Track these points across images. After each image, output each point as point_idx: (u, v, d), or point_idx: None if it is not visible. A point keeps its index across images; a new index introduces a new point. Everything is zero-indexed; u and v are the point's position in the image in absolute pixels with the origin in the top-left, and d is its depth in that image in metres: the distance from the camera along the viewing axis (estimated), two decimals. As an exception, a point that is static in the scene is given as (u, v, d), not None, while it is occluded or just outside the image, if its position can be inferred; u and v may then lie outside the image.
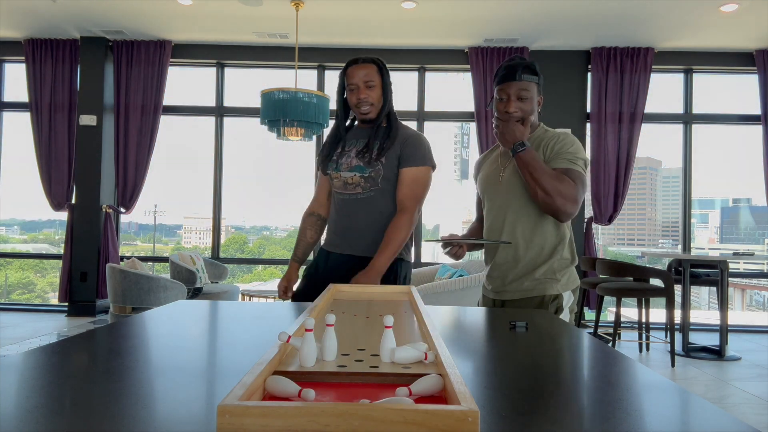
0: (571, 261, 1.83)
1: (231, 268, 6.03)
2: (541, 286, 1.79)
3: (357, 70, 2.01)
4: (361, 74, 2.00)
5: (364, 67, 2.01)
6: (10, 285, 7.69)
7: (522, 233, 1.82)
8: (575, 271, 1.86)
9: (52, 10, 5.14)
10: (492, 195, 1.91)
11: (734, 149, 6.80)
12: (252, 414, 0.54)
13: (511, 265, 1.83)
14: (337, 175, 2.07)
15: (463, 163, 6.81)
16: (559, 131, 1.86)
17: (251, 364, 0.88)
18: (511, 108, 1.80)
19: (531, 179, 1.72)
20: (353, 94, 2.02)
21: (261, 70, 6.25)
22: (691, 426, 0.72)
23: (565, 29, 5.31)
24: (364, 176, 2.01)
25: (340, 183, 2.06)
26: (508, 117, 1.81)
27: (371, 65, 2.02)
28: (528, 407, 0.73)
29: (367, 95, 2.00)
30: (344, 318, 1.16)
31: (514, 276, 1.83)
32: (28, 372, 0.84)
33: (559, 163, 1.76)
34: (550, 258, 1.80)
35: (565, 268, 1.81)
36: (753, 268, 6.66)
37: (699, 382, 3.84)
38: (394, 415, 0.54)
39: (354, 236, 2.04)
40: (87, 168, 5.82)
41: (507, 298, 1.85)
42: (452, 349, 1.05)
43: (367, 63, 2.02)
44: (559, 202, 1.69)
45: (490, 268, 1.91)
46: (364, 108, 2.01)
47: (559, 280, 1.80)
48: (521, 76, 1.79)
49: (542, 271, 1.79)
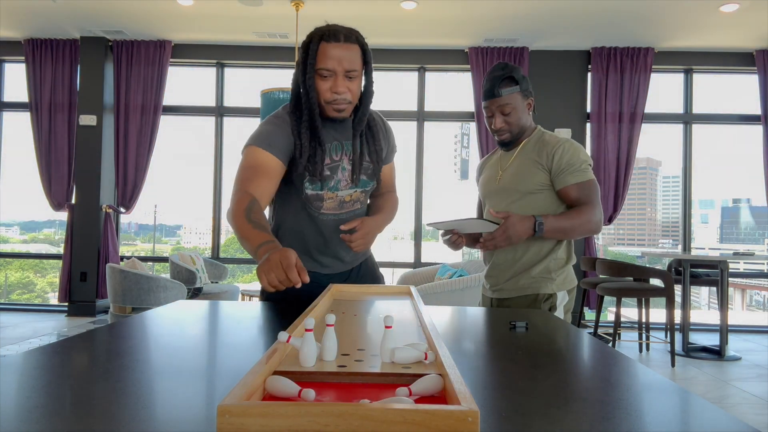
0: (566, 261, 1.85)
1: (231, 268, 6.03)
2: (536, 284, 1.82)
3: (335, 49, 1.45)
4: (340, 57, 1.45)
5: (347, 47, 1.46)
6: (10, 285, 7.69)
7: None
8: (572, 272, 1.89)
9: (52, 10, 5.14)
10: (491, 197, 1.93)
11: (734, 149, 6.80)
12: (252, 414, 0.54)
13: (509, 264, 1.86)
14: (331, 195, 1.59)
15: (463, 163, 6.81)
16: (560, 137, 1.85)
17: (251, 364, 0.88)
18: (497, 124, 1.83)
19: (565, 238, 1.80)
20: (325, 83, 1.47)
21: (261, 70, 6.25)
22: (691, 426, 0.72)
23: (565, 29, 5.31)
24: (365, 191, 1.66)
25: (333, 204, 1.61)
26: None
27: (355, 46, 1.48)
28: (528, 407, 0.73)
29: (347, 89, 1.48)
30: (344, 318, 1.16)
31: (510, 274, 1.86)
32: (28, 372, 0.84)
33: (569, 179, 1.77)
34: (546, 258, 1.82)
35: (561, 267, 1.84)
36: (753, 268, 6.67)
37: (699, 382, 3.84)
38: (394, 415, 0.54)
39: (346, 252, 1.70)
40: (87, 168, 5.82)
41: (503, 296, 1.88)
42: (452, 349, 1.05)
43: (350, 43, 1.47)
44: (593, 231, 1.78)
45: (489, 267, 1.94)
46: (339, 106, 1.49)
47: (554, 279, 1.82)
48: (499, 92, 1.80)
49: (538, 270, 1.82)
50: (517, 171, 1.85)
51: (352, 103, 1.52)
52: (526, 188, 1.82)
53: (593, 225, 1.76)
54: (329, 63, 1.45)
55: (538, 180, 1.81)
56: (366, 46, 1.52)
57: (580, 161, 1.77)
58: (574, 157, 1.78)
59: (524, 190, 1.82)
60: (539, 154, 1.82)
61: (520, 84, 1.82)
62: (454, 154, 6.82)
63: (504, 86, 1.80)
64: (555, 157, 1.78)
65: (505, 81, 1.81)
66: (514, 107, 1.81)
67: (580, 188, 1.77)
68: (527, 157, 1.85)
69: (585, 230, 1.77)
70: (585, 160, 1.79)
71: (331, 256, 1.70)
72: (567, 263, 1.86)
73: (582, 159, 1.78)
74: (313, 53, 1.46)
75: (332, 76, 1.47)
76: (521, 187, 1.82)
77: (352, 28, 1.51)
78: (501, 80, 1.81)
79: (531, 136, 1.89)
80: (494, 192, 1.91)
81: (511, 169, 1.87)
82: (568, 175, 1.77)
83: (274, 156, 1.50)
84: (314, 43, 1.46)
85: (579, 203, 1.77)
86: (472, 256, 7.51)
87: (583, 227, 1.75)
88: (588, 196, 1.77)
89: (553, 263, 1.83)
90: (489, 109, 1.84)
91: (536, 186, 1.81)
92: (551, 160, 1.79)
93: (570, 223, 1.74)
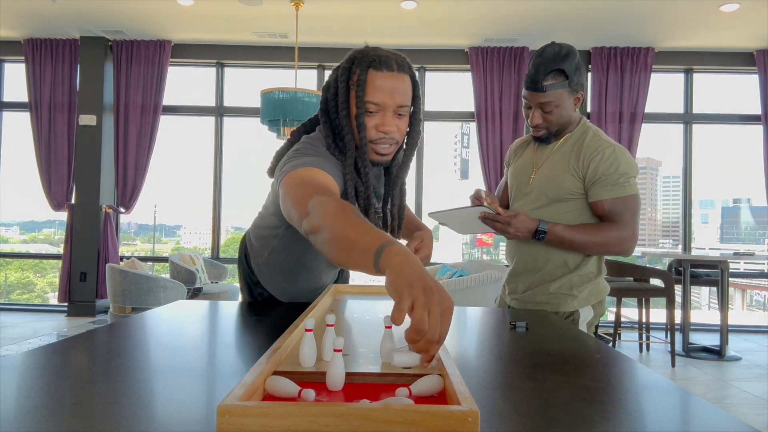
0: (596, 274, 1.70)
1: (231, 268, 6.03)
2: (555, 301, 1.67)
3: (386, 80, 1.21)
4: (392, 89, 1.22)
5: (399, 78, 1.23)
6: (10, 285, 7.69)
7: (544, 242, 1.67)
8: (602, 284, 1.72)
9: (52, 10, 5.13)
10: (520, 195, 1.77)
11: (734, 149, 6.80)
12: (252, 414, 0.54)
13: (528, 273, 1.72)
14: None
15: (463, 163, 6.81)
16: (603, 140, 1.64)
17: (251, 364, 0.88)
18: (534, 120, 1.64)
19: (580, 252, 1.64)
20: (371, 119, 1.24)
21: (261, 70, 6.25)
22: (691, 426, 0.72)
23: (565, 29, 5.31)
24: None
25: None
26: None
27: (407, 77, 1.25)
28: (528, 407, 0.73)
29: (396, 128, 1.25)
30: (344, 318, 1.16)
31: (528, 286, 1.73)
32: (28, 372, 0.84)
33: (602, 192, 1.58)
34: (571, 272, 1.66)
35: (587, 282, 1.67)
36: (753, 268, 6.66)
37: (699, 382, 3.83)
38: (394, 415, 0.54)
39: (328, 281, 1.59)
40: (87, 168, 5.82)
41: (520, 307, 1.76)
42: (452, 349, 1.05)
43: (402, 73, 1.24)
44: (619, 252, 1.61)
45: (510, 272, 1.81)
46: (384, 147, 1.26)
47: (576, 296, 1.66)
48: (543, 87, 1.57)
49: (557, 286, 1.67)
50: (550, 174, 1.68)
51: (399, 144, 1.29)
52: (555, 194, 1.65)
53: (619, 246, 1.58)
54: (378, 96, 1.21)
55: (569, 187, 1.63)
56: (415, 77, 1.28)
57: (618, 173, 1.57)
58: (612, 167, 1.57)
59: (553, 197, 1.66)
60: (576, 157, 1.63)
61: (570, 78, 1.57)
62: (454, 154, 6.83)
63: (550, 80, 1.57)
64: (591, 165, 1.60)
65: (552, 74, 1.56)
66: (557, 105, 1.59)
67: (613, 204, 1.58)
68: (563, 159, 1.66)
69: (607, 250, 1.60)
70: (626, 171, 1.58)
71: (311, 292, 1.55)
72: (597, 276, 1.69)
73: (622, 171, 1.58)
74: (362, 84, 1.21)
75: (379, 111, 1.23)
76: (550, 193, 1.66)
77: (399, 53, 1.27)
78: (548, 73, 1.56)
79: (573, 131, 1.68)
80: (524, 190, 1.75)
81: (545, 170, 1.69)
82: (602, 188, 1.59)
83: (334, 180, 1.20)
84: (362, 71, 1.22)
85: (610, 219, 1.60)
86: (472, 256, 7.51)
87: (604, 247, 1.59)
88: (620, 213, 1.58)
89: (578, 278, 1.66)
90: (529, 100, 1.62)
91: (566, 193, 1.64)
92: (587, 167, 1.60)
93: (582, 238, 1.58)
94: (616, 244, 1.59)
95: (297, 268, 1.49)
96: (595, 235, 1.59)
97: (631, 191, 1.59)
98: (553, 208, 1.67)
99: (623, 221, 1.59)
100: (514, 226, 1.59)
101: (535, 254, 1.71)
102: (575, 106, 1.65)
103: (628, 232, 1.58)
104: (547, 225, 1.60)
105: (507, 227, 1.59)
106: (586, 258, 1.67)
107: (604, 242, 1.59)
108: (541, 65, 1.57)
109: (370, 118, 1.23)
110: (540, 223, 1.60)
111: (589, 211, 1.66)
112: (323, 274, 1.54)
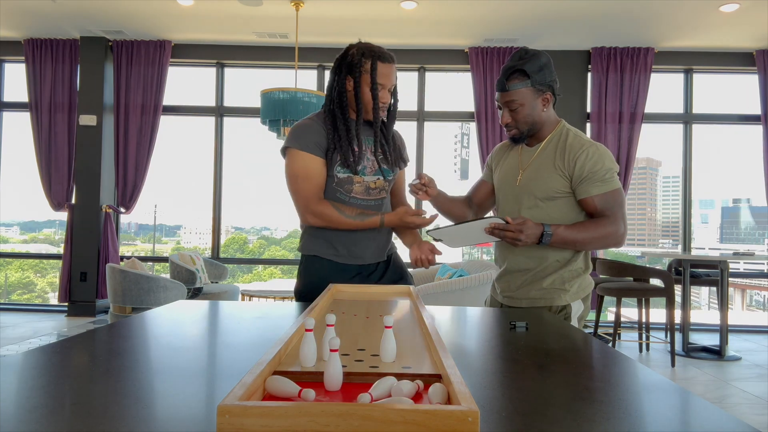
0: (584, 270, 1.77)
1: (231, 268, 6.03)
2: (548, 296, 1.73)
3: (388, 69, 1.80)
4: (390, 75, 1.81)
5: (393, 68, 1.84)
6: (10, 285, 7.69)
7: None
8: (588, 279, 1.79)
9: (52, 10, 5.14)
10: (506, 196, 1.84)
11: (734, 149, 6.80)
12: (252, 414, 0.54)
13: (522, 271, 1.78)
14: (359, 179, 1.83)
15: (463, 162, 6.81)
16: (584, 140, 1.73)
17: (251, 364, 0.88)
18: (504, 120, 1.75)
19: (580, 250, 1.73)
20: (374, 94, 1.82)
21: (261, 70, 6.25)
22: (691, 426, 0.72)
23: (565, 29, 5.31)
24: (388, 180, 1.89)
25: (361, 188, 1.84)
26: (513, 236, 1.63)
27: (395, 66, 1.85)
28: (528, 407, 0.73)
29: (387, 99, 1.84)
30: (344, 318, 1.16)
31: (522, 282, 1.78)
32: (28, 372, 0.84)
33: (591, 189, 1.67)
34: (561, 268, 1.74)
35: (576, 277, 1.75)
36: (753, 268, 6.67)
37: (699, 382, 3.83)
38: (394, 415, 0.54)
39: (372, 244, 1.88)
40: (87, 168, 5.82)
41: (513, 304, 1.80)
42: (452, 349, 1.05)
43: (394, 63, 1.84)
44: (615, 245, 1.71)
45: (501, 272, 1.86)
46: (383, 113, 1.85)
47: (568, 290, 1.73)
48: (507, 86, 1.69)
49: (550, 281, 1.73)
50: (536, 175, 1.75)
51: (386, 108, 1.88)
52: (543, 194, 1.72)
53: (615, 238, 1.67)
54: (383, 79, 1.79)
55: (556, 186, 1.71)
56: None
57: (604, 169, 1.66)
58: (598, 164, 1.66)
59: (541, 196, 1.72)
60: (561, 157, 1.71)
61: (531, 78, 1.67)
62: (454, 154, 6.83)
63: (512, 80, 1.69)
64: (577, 164, 1.67)
65: (515, 74, 1.69)
66: (521, 103, 1.70)
67: (602, 199, 1.67)
68: (548, 159, 1.74)
69: (604, 244, 1.69)
70: (610, 167, 1.68)
71: (352, 244, 1.87)
72: (584, 272, 1.77)
73: (606, 167, 1.67)
74: (375, 70, 1.79)
75: (382, 89, 1.80)
76: (538, 193, 1.73)
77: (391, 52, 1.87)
78: (511, 73, 1.69)
79: (553, 133, 1.77)
80: (511, 191, 1.81)
81: (530, 171, 1.76)
82: (590, 185, 1.67)
83: (318, 157, 1.80)
84: (373, 62, 1.78)
85: (601, 215, 1.67)
86: (471, 256, 7.51)
87: (602, 241, 1.67)
88: (611, 207, 1.67)
89: (569, 273, 1.74)
90: (498, 101, 1.75)
91: (554, 192, 1.71)
92: (573, 166, 1.68)
93: (584, 236, 1.65)
94: (612, 237, 1.68)
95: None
96: (594, 232, 1.66)
97: (616, 185, 1.69)
98: (541, 208, 1.73)
99: (614, 215, 1.67)
100: (525, 233, 1.61)
101: (529, 255, 1.75)
102: (543, 107, 1.73)
103: (621, 226, 1.68)
104: (551, 228, 1.64)
105: (519, 235, 1.61)
106: (575, 254, 1.75)
107: (603, 237, 1.67)
108: (506, 68, 1.71)
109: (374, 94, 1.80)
110: (545, 227, 1.63)
111: (577, 208, 1.73)
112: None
